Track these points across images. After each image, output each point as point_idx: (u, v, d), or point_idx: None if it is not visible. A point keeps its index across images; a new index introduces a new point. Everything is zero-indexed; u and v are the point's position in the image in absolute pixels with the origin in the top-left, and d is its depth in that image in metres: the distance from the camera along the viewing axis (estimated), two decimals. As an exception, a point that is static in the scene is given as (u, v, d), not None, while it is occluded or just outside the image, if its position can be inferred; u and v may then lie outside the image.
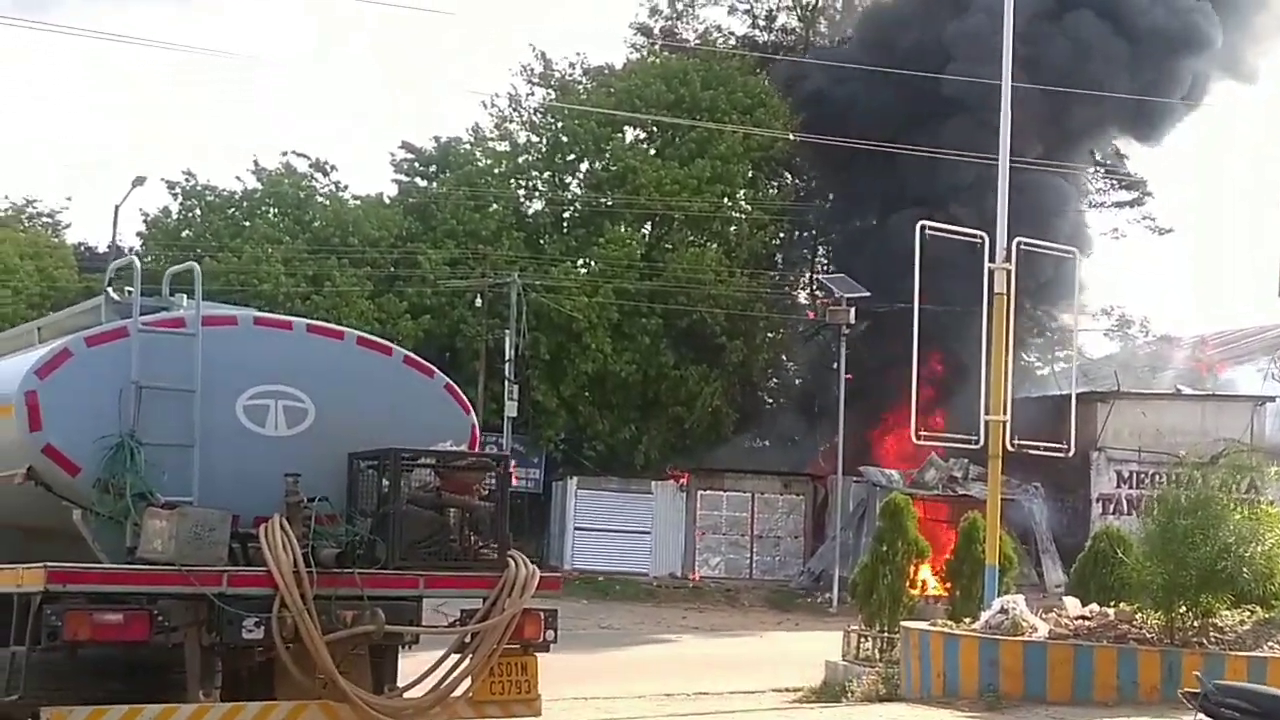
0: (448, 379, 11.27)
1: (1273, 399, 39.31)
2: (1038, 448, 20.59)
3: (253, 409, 9.84)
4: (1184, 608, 15.55)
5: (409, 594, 9.95)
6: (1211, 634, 15.58)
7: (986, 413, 19.13)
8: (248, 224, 41.71)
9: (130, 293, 10.13)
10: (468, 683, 9.98)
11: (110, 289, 10.42)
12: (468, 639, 10.07)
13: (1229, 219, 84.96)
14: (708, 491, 41.31)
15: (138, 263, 10.35)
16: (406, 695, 10.05)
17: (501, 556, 10.20)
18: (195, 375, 9.78)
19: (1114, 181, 48.35)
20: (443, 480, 10.15)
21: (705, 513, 41.16)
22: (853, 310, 37.76)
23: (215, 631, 9.32)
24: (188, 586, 9.17)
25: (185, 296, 10.58)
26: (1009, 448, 19.34)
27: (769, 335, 45.07)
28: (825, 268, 48.75)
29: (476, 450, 11.15)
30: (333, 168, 44.13)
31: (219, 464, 9.70)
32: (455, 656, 10.11)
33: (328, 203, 43.00)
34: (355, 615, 9.60)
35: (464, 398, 11.29)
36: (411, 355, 11.20)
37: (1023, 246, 19.63)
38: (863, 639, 20.48)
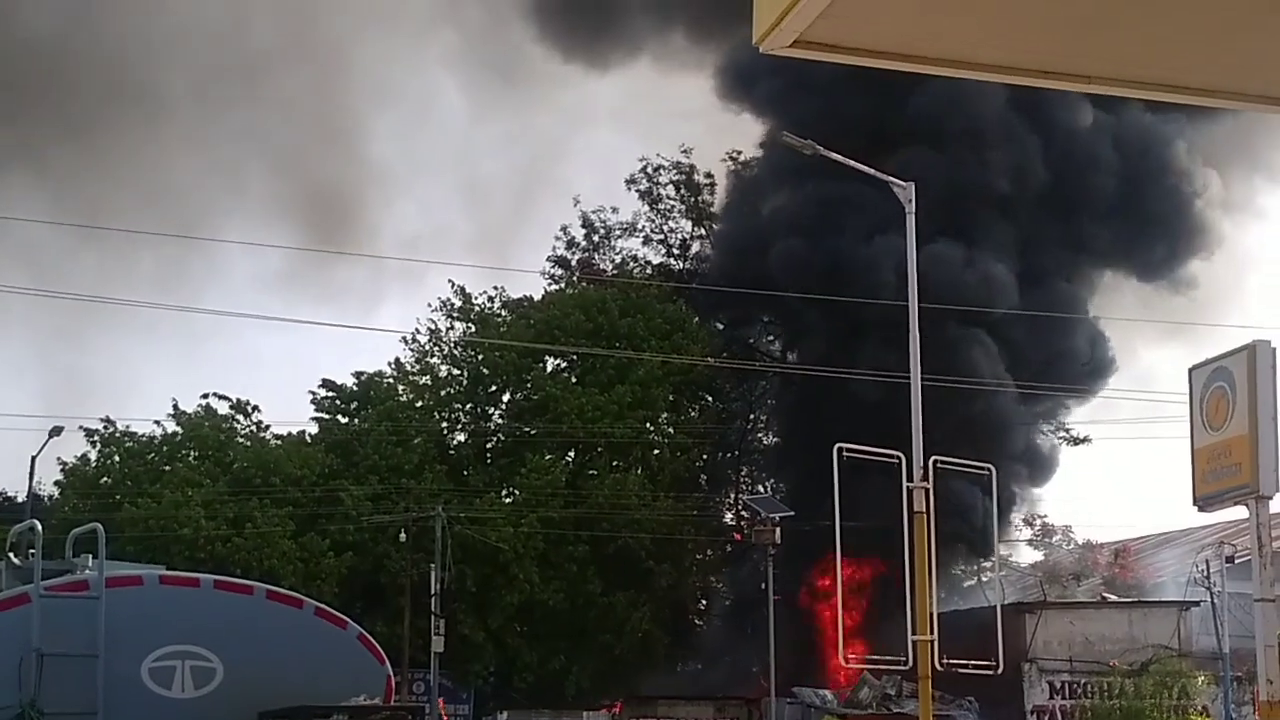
0: (361, 629, 11.17)
1: (1197, 604, 39.45)
2: (967, 666, 20.47)
3: (159, 671, 9.67)
4: (1120, 826, 15.30)
5: None
6: None
7: (913, 632, 19.05)
8: (167, 468, 41.33)
9: (32, 555, 9.98)
10: None
11: (11, 554, 10.27)
12: None
13: (1145, 423, 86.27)
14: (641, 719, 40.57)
15: (39, 526, 10.23)
16: None
17: (418, 813, 9.96)
18: (99, 640, 9.62)
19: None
20: (356, 736, 9.95)
21: (638, 742, 40.36)
22: (778, 530, 37.75)
23: None
24: None
25: (90, 557, 10.44)
26: (938, 667, 19.22)
27: (697, 557, 44.87)
28: (749, 487, 48.93)
29: (391, 703, 10.93)
30: (254, 408, 43.98)
31: (124, 730, 9.47)
32: None
33: (249, 444, 42.75)
34: None
35: (378, 648, 11.14)
36: (323, 607, 11.11)
37: (939, 465, 19.82)
38: None
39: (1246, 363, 20.36)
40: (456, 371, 46.09)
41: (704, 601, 47.68)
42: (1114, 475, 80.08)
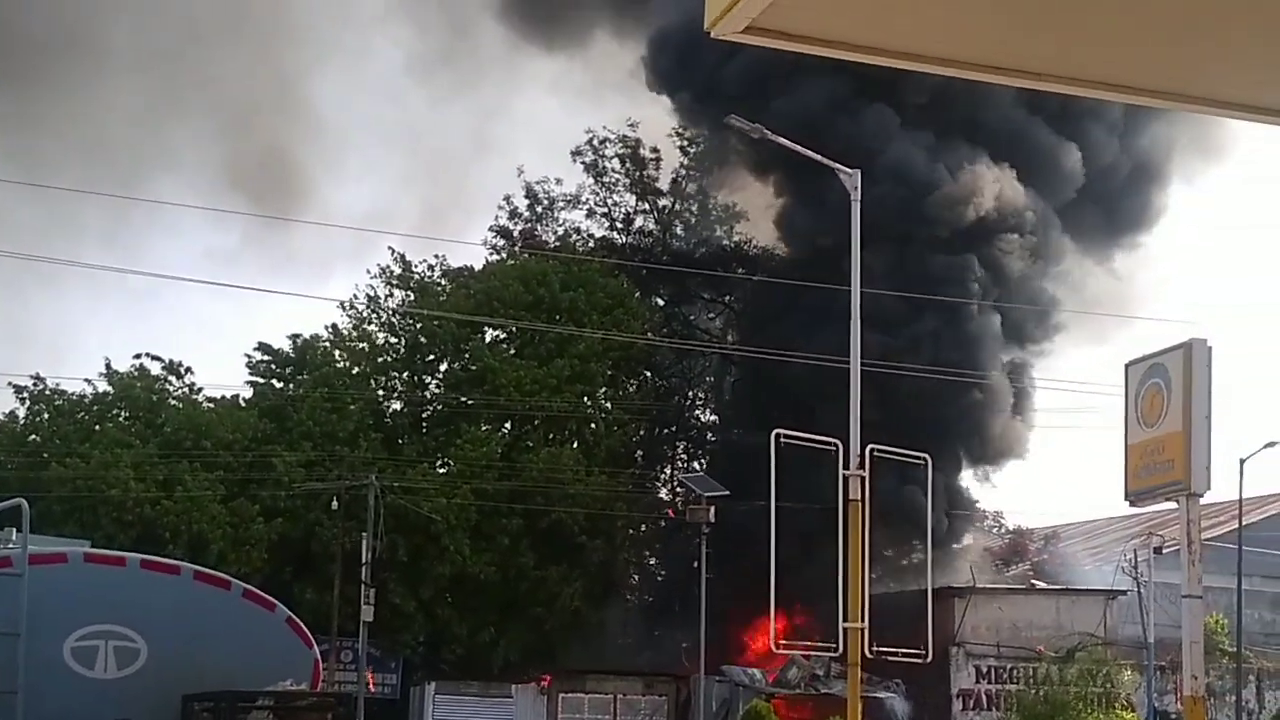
0: (289, 612, 11.00)
1: (1124, 593, 39.91)
2: (896, 654, 20.58)
3: (81, 650, 9.50)
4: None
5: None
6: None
7: (845, 619, 19.10)
8: (97, 428, 40.81)
9: (-46, 530, 9.77)
10: None
11: (-68, 528, 10.05)
12: None
13: (1082, 410, 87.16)
14: (569, 694, 40.58)
15: (-38, 502, 10.00)
16: None
17: (343, 800, 9.85)
18: (20, 618, 9.42)
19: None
20: (282, 721, 9.83)
21: (566, 715, 40.38)
22: (712, 509, 37.75)
23: None
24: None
25: (14, 530, 10.21)
26: (868, 654, 19.31)
27: (630, 532, 44.84)
28: (686, 464, 48.97)
29: (318, 688, 10.79)
30: (187, 370, 43.49)
31: (44, 710, 9.28)
32: None
33: (180, 405, 42.27)
34: None
35: (306, 631, 10.99)
36: (251, 589, 10.95)
37: (875, 453, 19.86)
38: None
39: (1182, 360, 20.45)
40: (394, 339, 45.77)
41: (636, 577, 47.68)
42: (1039, 463, 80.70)
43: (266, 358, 44.30)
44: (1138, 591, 39.65)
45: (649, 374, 48.08)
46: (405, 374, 45.38)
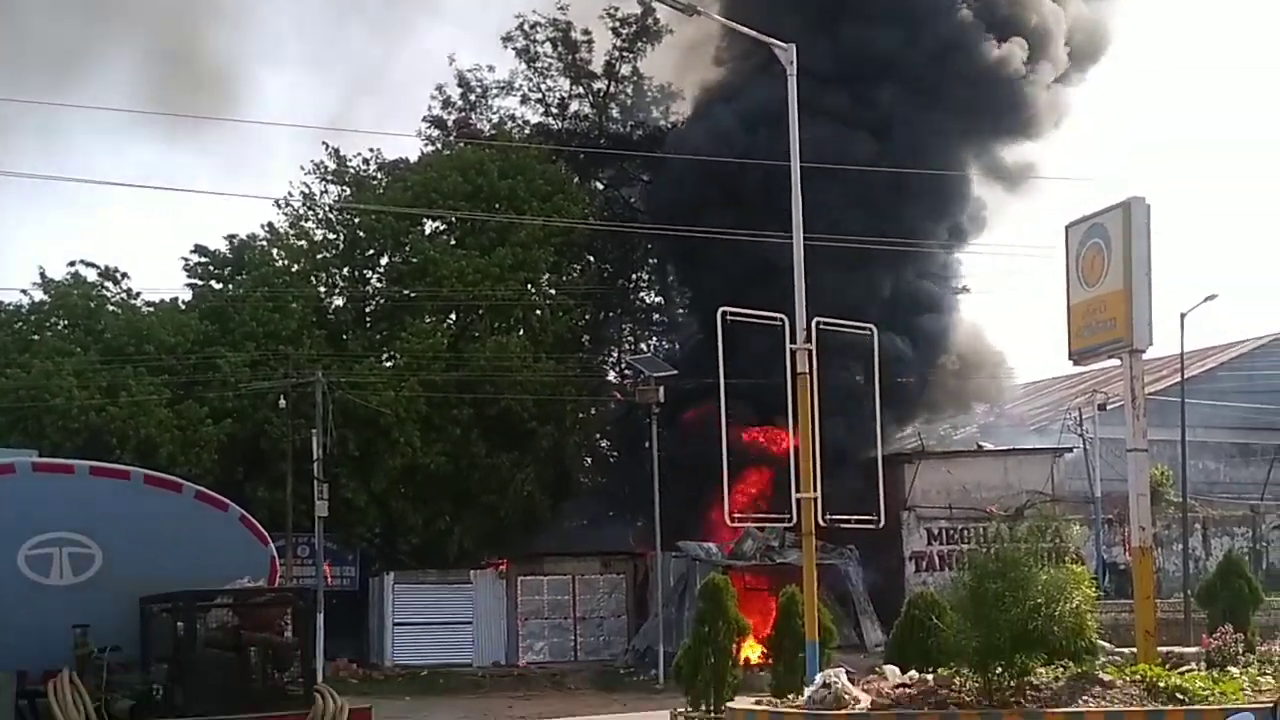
0: (243, 511, 10.98)
1: (1070, 450, 40.53)
2: (849, 521, 20.81)
3: (35, 559, 9.50)
4: (1000, 669, 15.69)
5: (212, 741, 9.60)
6: (1028, 693, 15.76)
7: (798, 490, 19.27)
8: (35, 338, 40.38)
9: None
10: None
11: (-125, 444, 9.95)
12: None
13: (1025, 273, 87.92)
14: (528, 577, 41.02)
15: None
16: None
17: (308, 692, 9.92)
18: (-29, 530, 9.38)
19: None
20: (242, 619, 9.86)
21: (526, 598, 40.86)
22: (661, 389, 37.94)
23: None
24: (-28, 757, 8.72)
25: (-41, 444, 10.14)
26: (821, 523, 19.52)
27: (579, 416, 44.98)
28: (633, 345, 49.04)
29: (275, 584, 10.82)
30: (124, 275, 43.02)
31: (3, 620, 9.28)
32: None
33: (119, 311, 41.84)
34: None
35: (261, 529, 10.96)
36: (204, 490, 10.90)
37: (821, 326, 19.92)
38: (689, 720, 20.53)
39: (1122, 219, 20.64)
40: (332, 236, 45.36)
41: (589, 461, 47.90)
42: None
43: (204, 259, 43.87)
44: (1084, 448, 40.33)
45: (591, 259, 47.89)
46: (345, 269, 45.05)
